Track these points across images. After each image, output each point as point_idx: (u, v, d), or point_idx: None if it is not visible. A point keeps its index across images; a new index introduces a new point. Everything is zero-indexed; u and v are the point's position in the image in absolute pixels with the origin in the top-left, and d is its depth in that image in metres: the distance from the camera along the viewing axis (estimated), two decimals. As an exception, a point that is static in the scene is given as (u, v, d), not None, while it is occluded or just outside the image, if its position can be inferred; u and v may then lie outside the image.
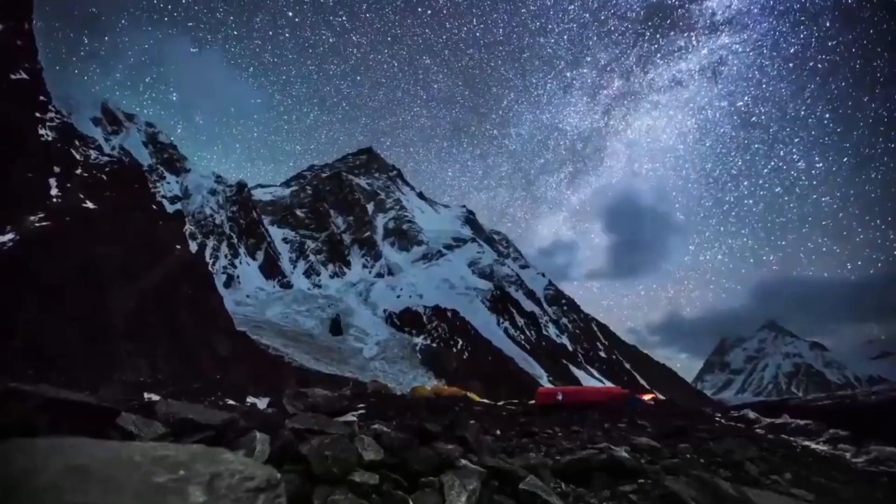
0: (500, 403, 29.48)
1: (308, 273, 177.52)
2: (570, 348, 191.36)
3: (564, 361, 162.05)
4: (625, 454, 7.87)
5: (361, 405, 22.78)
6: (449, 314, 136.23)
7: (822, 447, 14.44)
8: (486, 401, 32.42)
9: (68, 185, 60.69)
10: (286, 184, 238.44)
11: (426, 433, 5.13)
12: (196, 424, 4.44)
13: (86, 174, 64.69)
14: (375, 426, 5.99)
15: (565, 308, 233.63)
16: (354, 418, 16.62)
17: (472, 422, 13.59)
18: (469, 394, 35.18)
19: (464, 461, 4.79)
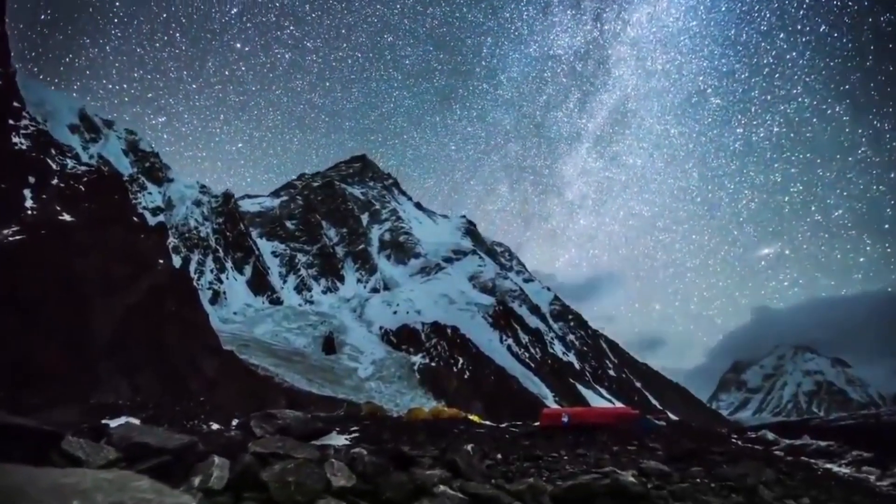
0: (503, 425, 29.25)
1: (299, 288, 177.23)
2: (577, 366, 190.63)
3: (571, 380, 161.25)
4: (631, 479, 7.69)
5: (354, 428, 22.56)
6: (448, 331, 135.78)
7: (844, 470, 14.23)
8: (487, 422, 32.19)
9: (44, 196, 60.68)
10: (275, 194, 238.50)
11: (404, 457, 4.94)
12: (151, 449, 4.27)
13: (62, 184, 64.69)
14: (355, 450, 5.81)
15: (572, 324, 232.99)
16: (347, 441, 16.33)
17: (468, 446, 13.37)
18: (470, 415, 34.97)
19: (443, 487, 4.60)
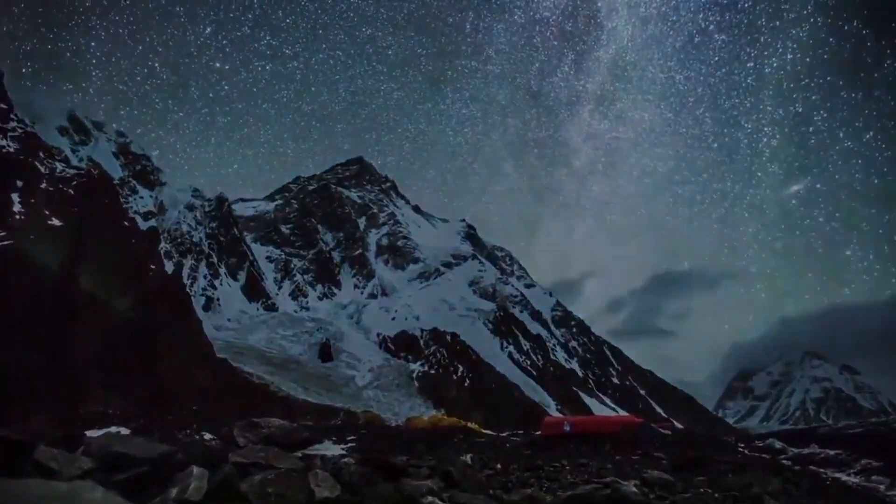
0: (504, 434, 29.17)
1: (294, 294, 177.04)
2: (579, 374, 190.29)
3: (574, 388, 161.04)
4: (633, 489, 7.62)
5: (351, 437, 22.45)
6: (448, 337, 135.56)
7: (853, 479, 14.14)
8: (488, 431, 32.11)
9: (32, 200, 60.55)
10: (270, 198, 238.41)
11: (393, 467, 4.86)
12: (129, 459, 4.18)
13: (51, 188, 64.59)
14: (345, 460, 5.73)
15: (575, 330, 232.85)
16: (343, 451, 16.28)
17: (465, 455, 13.28)
18: (470, 424, 34.87)
19: (431, 498, 4.51)
